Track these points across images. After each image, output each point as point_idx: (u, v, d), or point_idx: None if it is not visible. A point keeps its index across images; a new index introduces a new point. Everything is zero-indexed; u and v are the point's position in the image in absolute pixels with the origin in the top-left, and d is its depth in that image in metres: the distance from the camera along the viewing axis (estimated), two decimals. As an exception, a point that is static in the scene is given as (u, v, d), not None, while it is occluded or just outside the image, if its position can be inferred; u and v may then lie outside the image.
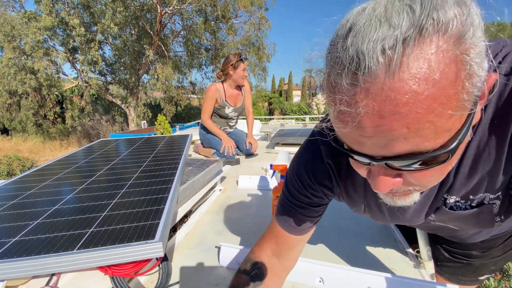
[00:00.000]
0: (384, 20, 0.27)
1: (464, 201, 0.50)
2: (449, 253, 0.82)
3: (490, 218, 0.51)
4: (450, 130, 0.30)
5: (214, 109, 2.35)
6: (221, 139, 2.24)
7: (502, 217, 0.51)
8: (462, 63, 0.27)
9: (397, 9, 0.27)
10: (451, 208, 0.51)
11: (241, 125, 2.66)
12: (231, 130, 2.53)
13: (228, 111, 2.36)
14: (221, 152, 2.19)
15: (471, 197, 0.49)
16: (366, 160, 0.34)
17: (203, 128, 2.40)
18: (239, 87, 2.38)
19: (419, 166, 0.33)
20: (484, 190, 0.47)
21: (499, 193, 0.47)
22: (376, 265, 0.77)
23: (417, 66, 0.26)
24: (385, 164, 0.34)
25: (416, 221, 0.58)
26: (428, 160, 0.32)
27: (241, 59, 2.26)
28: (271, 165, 1.08)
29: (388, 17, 0.27)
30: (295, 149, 2.44)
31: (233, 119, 2.50)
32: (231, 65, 2.26)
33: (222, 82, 2.33)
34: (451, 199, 0.50)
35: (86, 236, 0.66)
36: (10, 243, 0.64)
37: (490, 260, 0.78)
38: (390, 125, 0.28)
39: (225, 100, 2.31)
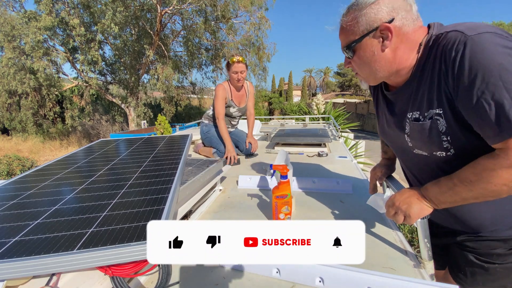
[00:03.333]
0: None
1: (422, 117, 0.72)
2: (472, 254, 0.81)
3: (438, 135, 0.70)
4: (350, 37, 0.75)
5: None
6: (225, 145, 2.21)
7: (449, 138, 0.69)
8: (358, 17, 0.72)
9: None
10: (416, 120, 0.74)
11: (242, 125, 2.66)
12: (232, 129, 2.53)
13: (233, 110, 2.37)
14: (224, 159, 2.16)
15: (425, 114, 0.71)
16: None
17: (206, 126, 2.39)
18: (242, 87, 2.39)
19: (349, 55, 0.79)
20: (429, 106, 0.70)
21: (440, 109, 0.68)
22: (376, 265, 0.77)
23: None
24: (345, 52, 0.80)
25: (397, 135, 0.83)
26: (348, 50, 0.77)
27: (229, 61, 2.19)
28: (271, 165, 1.07)
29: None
30: (295, 149, 2.46)
31: (236, 118, 2.50)
32: (226, 66, 2.24)
33: (228, 81, 2.32)
34: (415, 114, 0.74)
35: (86, 236, 0.66)
36: (10, 243, 0.64)
37: None
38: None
39: (231, 99, 2.32)
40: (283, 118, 8.31)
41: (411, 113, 0.75)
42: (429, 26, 0.73)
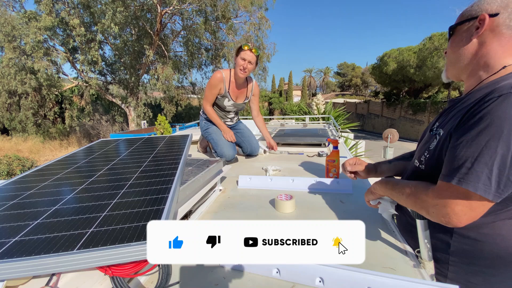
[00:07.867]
0: None
1: (432, 131, 0.80)
2: None
3: (426, 148, 0.78)
4: (457, 20, 0.77)
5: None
6: (221, 130, 2.20)
7: (427, 156, 0.76)
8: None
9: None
10: (431, 130, 0.82)
11: (248, 125, 2.57)
12: (232, 123, 2.42)
13: (228, 103, 2.20)
14: (223, 159, 2.13)
15: (434, 129, 0.79)
16: None
17: (205, 122, 2.32)
18: (246, 84, 2.21)
19: (447, 37, 0.81)
20: (441, 126, 0.76)
21: (442, 131, 0.73)
22: (376, 265, 0.77)
23: None
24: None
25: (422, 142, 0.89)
26: (450, 31, 0.79)
27: (241, 46, 1.99)
28: (327, 139, 1.53)
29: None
30: (295, 149, 2.45)
31: (231, 113, 2.34)
32: (236, 52, 2.05)
33: (231, 71, 2.13)
34: (434, 126, 0.82)
35: (86, 236, 0.66)
36: (10, 243, 0.64)
37: None
38: None
39: (228, 91, 2.14)
40: (283, 118, 8.31)
41: (434, 124, 0.84)
42: None
